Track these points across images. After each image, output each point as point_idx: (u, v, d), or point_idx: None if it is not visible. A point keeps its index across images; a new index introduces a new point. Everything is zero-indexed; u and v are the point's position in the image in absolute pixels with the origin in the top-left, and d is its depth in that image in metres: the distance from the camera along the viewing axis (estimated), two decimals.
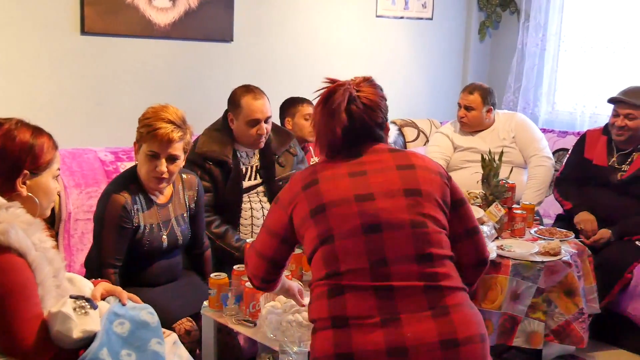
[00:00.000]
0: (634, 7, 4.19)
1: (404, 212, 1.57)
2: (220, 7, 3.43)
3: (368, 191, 1.59)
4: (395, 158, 1.67)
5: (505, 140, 3.69)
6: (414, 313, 1.49)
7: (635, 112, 3.22)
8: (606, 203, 3.31)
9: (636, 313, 3.12)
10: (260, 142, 2.83)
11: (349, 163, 1.66)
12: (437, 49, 4.72)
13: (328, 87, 1.74)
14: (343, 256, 1.55)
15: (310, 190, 1.62)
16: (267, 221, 1.74)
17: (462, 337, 1.49)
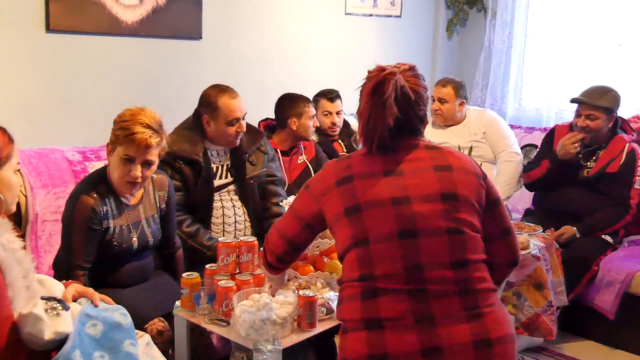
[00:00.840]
0: (597, 5, 4.27)
1: (440, 218, 1.55)
2: (189, 5, 3.40)
3: (405, 194, 1.56)
4: (433, 157, 1.63)
5: (476, 136, 3.74)
6: (448, 314, 1.49)
7: (595, 112, 3.28)
8: (573, 199, 3.38)
9: (602, 305, 3.20)
10: (238, 139, 2.82)
11: (385, 159, 1.62)
12: (406, 47, 4.75)
13: (377, 76, 1.63)
14: (378, 260, 1.53)
15: (344, 187, 1.61)
16: (295, 204, 1.78)
17: (495, 337, 1.50)
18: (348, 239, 1.58)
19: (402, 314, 1.49)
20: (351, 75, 4.36)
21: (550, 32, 4.53)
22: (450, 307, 1.49)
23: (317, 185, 1.69)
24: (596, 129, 3.31)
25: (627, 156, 3.30)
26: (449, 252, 1.53)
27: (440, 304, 1.49)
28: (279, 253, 1.84)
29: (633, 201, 3.28)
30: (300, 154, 3.39)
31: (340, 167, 1.66)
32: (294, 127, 3.28)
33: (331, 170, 1.68)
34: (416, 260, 1.51)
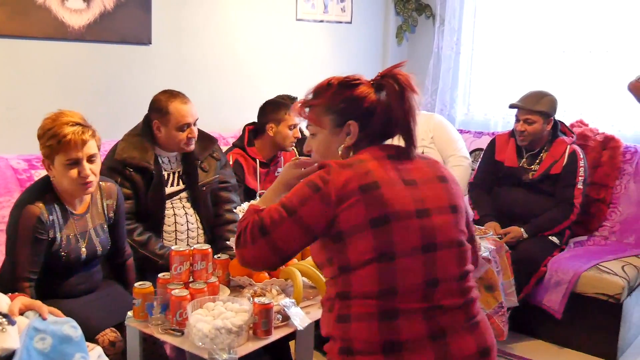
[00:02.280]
0: (542, 13, 4.40)
1: (452, 230, 1.55)
2: (138, 9, 3.34)
3: (425, 206, 1.53)
4: (431, 167, 1.62)
5: (424, 141, 3.79)
6: (456, 327, 1.50)
7: (532, 116, 3.38)
8: (520, 201, 3.47)
9: (551, 304, 3.28)
10: (191, 145, 2.79)
11: (395, 166, 1.57)
12: (356, 52, 4.79)
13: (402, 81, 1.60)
14: (402, 275, 1.47)
15: (370, 195, 1.48)
16: (301, 211, 1.50)
17: (490, 344, 1.54)
18: (368, 252, 1.46)
19: (420, 335, 1.46)
20: (303, 81, 4.36)
21: (496, 39, 4.64)
22: (457, 320, 1.50)
23: (332, 190, 1.49)
24: (534, 133, 3.41)
25: (568, 158, 3.41)
26: (457, 264, 1.54)
27: (450, 317, 1.49)
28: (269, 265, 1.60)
29: (577, 200, 3.39)
30: (279, 165, 3.35)
31: (360, 171, 1.51)
32: (271, 132, 3.22)
33: (347, 173, 1.51)
34: (434, 274, 1.49)
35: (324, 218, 1.49)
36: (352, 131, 1.60)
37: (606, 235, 3.72)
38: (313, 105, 1.65)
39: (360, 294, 1.47)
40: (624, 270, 3.25)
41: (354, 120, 1.60)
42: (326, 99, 1.63)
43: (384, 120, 1.60)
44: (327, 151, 1.62)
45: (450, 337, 1.47)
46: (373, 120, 1.60)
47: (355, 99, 1.61)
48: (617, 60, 4.11)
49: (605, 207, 3.76)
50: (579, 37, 4.25)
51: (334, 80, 1.66)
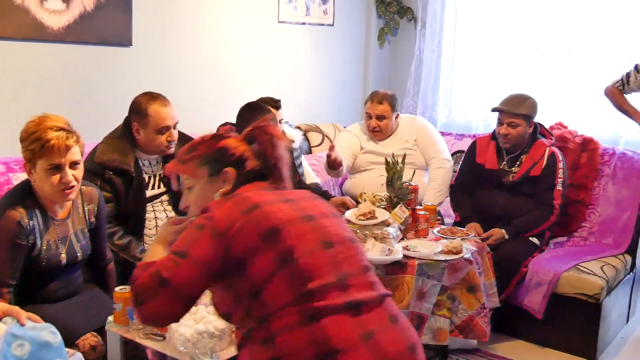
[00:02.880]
0: (521, 16, 4.43)
1: (342, 229, 1.63)
2: (118, 10, 3.32)
3: (308, 213, 1.59)
4: (304, 191, 1.74)
5: (407, 143, 3.80)
6: (380, 324, 1.51)
7: (516, 120, 3.41)
8: (501, 203, 3.49)
9: (532, 305, 3.31)
10: (171, 148, 2.77)
11: (272, 192, 1.65)
12: (338, 55, 4.79)
13: (272, 133, 1.73)
14: (310, 274, 1.48)
15: (253, 215, 1.52)
16: (194, 252, 1.50)
17: (415, 340, 1.55)
18: (270, 264, 1.48)
19: (349, 334, 1.45)
20: (285, 84, 4.38)
21: (477, 42, 4.68)
22: (379, 316, 1.52)
23: (218, 224, 1.52)
24: (517, 136, 3.43)
25: (548, 160, 3.44)
26: (358, 257, 1.60)
27: (371, 315, 1.51)
28: (179, 315, 1.53)
29: (557, 202, 3.42)
30: None
31: (238, 200, 1.57)
32: None
33: (228, 204, 1.56)
34: (340, 267, 1.53)
35: (218, 251, 1.50)
36: (228, 178, 1.67)
37: (585, 236, 3.76)
38: (188, 159, 1.71)
39: (278, 308, 1.46)
40: (603, 271, 3.28)
41: (230, 167, 1.67)
42: (201, 151, 1.70)
43: (256, 167, 1.70)
44: (207, 200, 1.67)
45: (379, 334, 1.48)
46: (247, 168, 1.69)
47: (228, 148, 1.69)
48: (595, 63, 4.16)
49: (584, 209, 3.80)
50: (558, 40, 4.30)
51: (207, 136, 1.75)
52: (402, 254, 2.72)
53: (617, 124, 4.07)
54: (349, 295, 1.49)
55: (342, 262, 1.54)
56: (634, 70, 3.54)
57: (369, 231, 2.83)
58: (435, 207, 3.34)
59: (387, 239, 2.81)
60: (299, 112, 4.45)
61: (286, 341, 1.43)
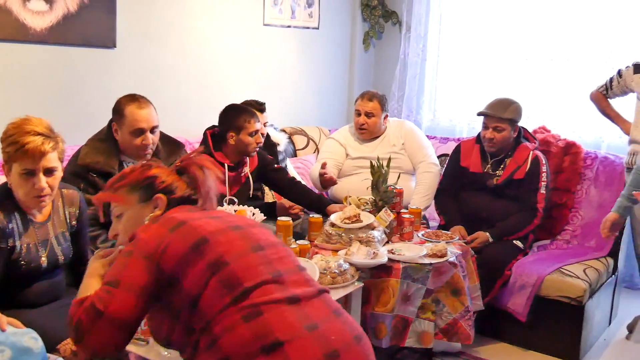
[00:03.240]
0: (505, 21, 4.47)
1: (270, 236, 1.70)
2: (102, 12, 3.30)
3: (236, 224, 1.66)
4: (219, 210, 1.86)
5: (395, 147, 3.81)
6: (324, 317, 1.53)
7: (501, 124, 3.43)
8: (485, 206, 3.51)
9: (515, 308, 3.33)
10: (147, 152, 2.74)
11: (198, 211, 1.72)
12: (324, 58, 4.80)
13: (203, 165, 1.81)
14: (244, 273, 1.51)
15: (180, 230, 1.57)
16: (126, 277, 1.51)
17: (360, 331, 1.58)
18: (204, 271, 1.50)
19: (293, 326, 1.46)
20: (271, 87, 4.37)
21: (461, 47, 4.71)
22: (321, 309, 1.55)
23: (146, 245, 1.54)
24: (502, 140, 3.45)
25: (531, 163, 3.46)
26: (291, 258, 1.66)
27: (313, 307, 1.54)
28: (120, 344, 1.53)
29: (540, 205, 3.44)
30: (245, 166, 3.31)
31: (163, 221, 1.61)
32: (232, 141, 3.17)
33: (154, 226, 1.60)
34: (274, 267, 1.57)
35: (149, 272, 1.51)
36: (159, 204, 1.72)
37: (568, 239, 3.79)
38: (119, 186, 1.75)
39: (217, 311, 1.47)
40: (586, 273, 3.31)
41: (161, 194, 1.73)
42: (131, 179, 1.75)
43: (186, 194, 1.77)
44: (136, 225, 1.69)
45: (324, 326, 1.50)
46: (177, 194, 1.75)
47: (159, 176, 1.75)
48: (577, 67, 4.21)
49: (567, 212, 3.83)
50: (541, 45, 4.34)
51: (136, 166, 1.81)
52: (387, 258, 2.72)
53: (599, 128, 4.12)
54: (287, 291, 1.52)
55: (275, 262, 1.59)
56: (616, 76, 3.59)
57: (354, 234, 2.83)
58: (420, 210, 3.35)
59: (372, 243, 2.81)
60: (284, 115, 4.45)
61: (230, 340, 1.43)
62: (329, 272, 2.51)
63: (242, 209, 2.82)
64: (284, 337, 1.42)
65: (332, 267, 2.53)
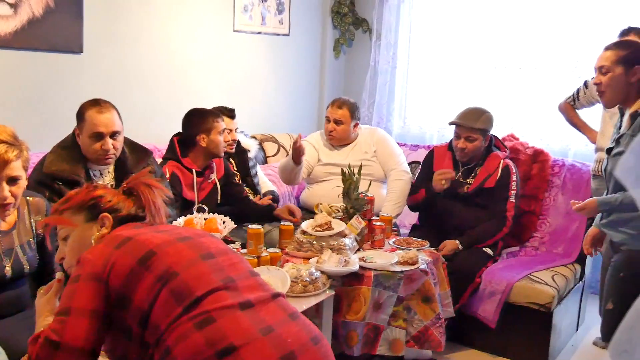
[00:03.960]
0: (474, 30, 4.52)
1: (220, 244, 1.71)
2: (68, 16, 3.23)
3: (184, 235, 1.66)
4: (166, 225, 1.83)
5: (367, 154, 3.81)
6: (279, 320, 1.53)
7: (473, 134, 3.46)
8: (455, 214, 3.53)
9: (485, 314, 3.35)
10: (107, 158, 2.68)
11: (142, 228, 1.70)
12: (294, 65, 4.79)
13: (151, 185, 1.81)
14: (194, 282, 1.51)
15: (127, 246, 1.56)
16: (76, 303, 1.48)
17: (317, 333, 1.59)
18: (154, 284, 1.49)
19: (248, 331, 1.46)
20: (241, 93, 4.35)
21: (431, 54, 4.75)
22: (275, 312, 1.55)
23: (93, 266, 1.53)
24: (474, 150, 3.48)
25: (502, 172, 3.50)
26: (243, 264, 1.67)
27: (268, 311, 1.54)
28: None
29: (510, 214, 3.47)
30: (212, 171, 3.31)
31: (108, 240, 1.61)
32: (203, 144, 3.18)
33: (99, 246, 1.59)
34: (225, 273, 1.57)
35: (99, 293, 1.50)
36: (106, 223, 1.71)
37: (536, 246, 3.84)
38: (65, 208, 1.74)
39: (169, 322, 1.46)
40: (554, 280, 3.35)
41: (107, 213, 1.72)
42: (77, 200, 1.74)
43: (133, 212, 1.76)
44: (83, 246, 1.69)
45: (279, 329, 1.50)
46: (123, 213, 1.74)
47: (104, 196, 1.75)
48: (545, 76, 4.27)
49: (536, 219, 3.88)
50: (509, 53, 4.39)
51: (83, 187, 1.81)
52: (358, 265, 2.71)
53: (566, 136, 4.18)
54: (240, 296, 1.52)
55: (226, 268, 1.59)
56: (583, 87, 3.66)
57: (325, 242, 2.82)
58: (391, 218, 3.35)
59: (343, 250, 2.80)
60: (254, 121, 4.42)
61: (184, 349, 1.42)
62: (300, 280, 2.49)
63: (212, 217, 2.78)
64: (238, 341, 1.42)
65: (303, 275, 2.51)
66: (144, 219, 1.77)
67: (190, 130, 3.21)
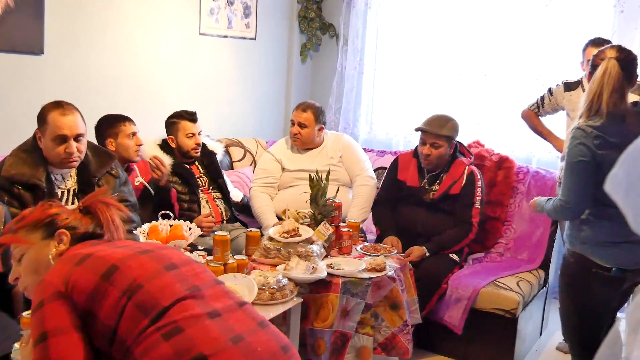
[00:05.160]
0: (440, 37, 4.55)
1: (183, 255, 1.70)
2: (28, 16, 3.14)
3: (144, 249, 1.64)
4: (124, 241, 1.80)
5: (332, 160, 3.79)
6: (249, 329, 1.52)
7: (438, 141, 3.47)
8: (421, 220, 3.53)
9: (451, 320, 3.36)
10: (71, 161, 2.61)
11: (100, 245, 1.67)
12: (261, 69, 4.75)
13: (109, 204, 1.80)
14: (160, 293, 1.49)
15: (87, 262, 1.53)
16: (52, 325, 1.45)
17: (286, 342, 1.59)
18: (119, 298, 1.47)
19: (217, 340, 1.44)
20: (207, 97, 4.29)
21: (398, 61, 4.76)
22: (244, 321, 1.54)
23: (54, 286, 1.50)
24: (439, 156, 3.49)
25: (467, 179, 3.52)
26: (207, 273, 1.66)
27: (236, 320, 1.53)
28: None
29: (475, 220, 3.49)
30: (135, 175, 3.24)
31: (66, 259, 1.59)
32: (112, 147, 3.13)
33: (57, 266, 1.57)
34: (190, 283, 1.56)
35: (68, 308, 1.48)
36: (64, 239, 1.69)
37: (501, 252, 3.87)
38: (20, 227, 1.71)
39: (136, 335, 1.44)
40: (519, 286, 3.38)
41: (64, 229, 1.70)
42: (33, 218, 1.71)
43: (90, 229, 1.74)
44: (40, 264, 1.67)
45: (249, 337, 1.49)
46: (80, 230, 1.73)
47: (61, 214, 1.73)
48: (510, 84, 4.32)
49: (501, 225, 3.92)
50: (475, 61, 4.44)
51: (38, 205, 1.78)
52: (326, 272, 2.69)
53: (530, 143, 4.24)
54: (207, 306, 1.51)
55: (190, 278, 1.58)
56: (547, 94, 3.70)
57: (292, 249, 2.79)
58: (359, 224, 3.34)
59: (311, 257, 2.78)
60: (220, 126, 4.37)
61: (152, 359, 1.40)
62: (268, 287, 2.46)
63: (177, 224, 2.73)
64: (208, 351, 1.40)
65: (270, 282, 2.48)
66: (102, 237, 1.74)
67: (100, 137, 3.18)
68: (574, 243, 2.50)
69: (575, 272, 2.51)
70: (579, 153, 2.37)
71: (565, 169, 2.44)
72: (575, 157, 2.38)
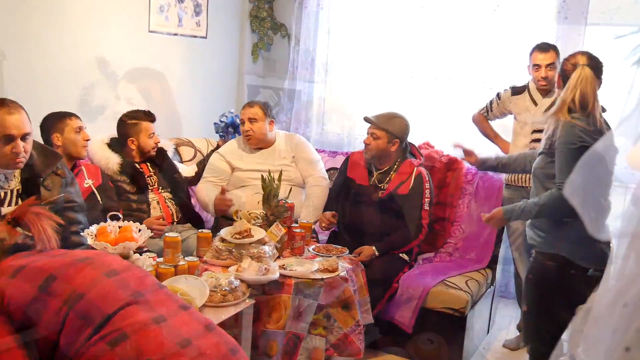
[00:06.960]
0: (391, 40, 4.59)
1: (123, 261, 1.68)
2: None
3: (82, 257, 1.61)
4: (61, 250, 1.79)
5: (285, 160, 3.78)
6: (196, 332, 1.52)
7: (377, 131, 3.52)
8: (370, 219, 3.56)
9: (402, 320, 3.40)
10: (18, 161, 2.52)
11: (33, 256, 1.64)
12: (212, 68, 4.70)
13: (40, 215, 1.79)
14: (102, 301, 1.46)
15: (22, 274, 1.49)
16: None
17: (234, 344, 1.59)
18: (60, 308, 1.44)
19: (165, 345, 1.43)
20: (156, 96, 4.21)
21: (350, 62, 4.78)
22: (190, 324, 1.53)
23: None
24: (376, 148, 3.53)
25: (415, 180, 3.55)
26: (149, 277, 1.67)
27: (182, 324, 1.52)
28: None
29: (424, 221, 3.54)
30: (83, 177, 3.16)
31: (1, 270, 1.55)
32: (58, 143, 3.07)
33: None
34: (133, 288, 1.54)
35: (3, 322, 1.45)
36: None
37: (450, 252, 3.93)
38: None
39: (79, 346, 1.42)
40: (468, 285, 3.44)
41: None
42: None
43: (20, 241, 1.71)
44: None
45: (197, 341, 1.49)
46: (10, 242, 1.69)
47: None
48: (458, 87, 4.39)
49: (450, 225, 3.98)
50: (425, 63, 4.49)
51: None
52: (278, 274, 2.68)
53: (478, 145, 4.30)
54: (152, 311, 1.49)
55: (132, 283, 1.56)
56: (495, 98, 3.80)
57: (245, 250, 2.77)
58: (311, 224, 3.34)
59: (263, 258, 2.76)
60: (170, 125, 4.30)
61: None
62: (220, 289, 2.43)
63: (126, 225, 2.66)
64: (156, 356, 1.39)
65: (222, 284, 2.45)
66: (33, 248, 1.69)
67: (45, 135, 3.11)
68: (552, 245, 2.55)
69: (554, 276, 2.55)
70: (579, 139, 2.45)
71: (565, 157, 2.49)
72: (576, 143, 2.45)
